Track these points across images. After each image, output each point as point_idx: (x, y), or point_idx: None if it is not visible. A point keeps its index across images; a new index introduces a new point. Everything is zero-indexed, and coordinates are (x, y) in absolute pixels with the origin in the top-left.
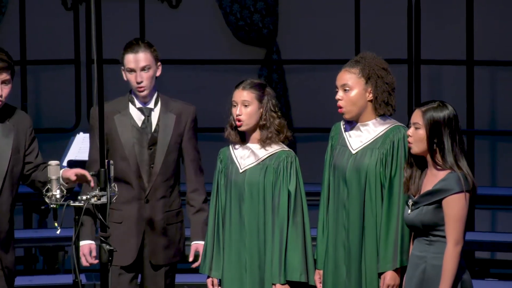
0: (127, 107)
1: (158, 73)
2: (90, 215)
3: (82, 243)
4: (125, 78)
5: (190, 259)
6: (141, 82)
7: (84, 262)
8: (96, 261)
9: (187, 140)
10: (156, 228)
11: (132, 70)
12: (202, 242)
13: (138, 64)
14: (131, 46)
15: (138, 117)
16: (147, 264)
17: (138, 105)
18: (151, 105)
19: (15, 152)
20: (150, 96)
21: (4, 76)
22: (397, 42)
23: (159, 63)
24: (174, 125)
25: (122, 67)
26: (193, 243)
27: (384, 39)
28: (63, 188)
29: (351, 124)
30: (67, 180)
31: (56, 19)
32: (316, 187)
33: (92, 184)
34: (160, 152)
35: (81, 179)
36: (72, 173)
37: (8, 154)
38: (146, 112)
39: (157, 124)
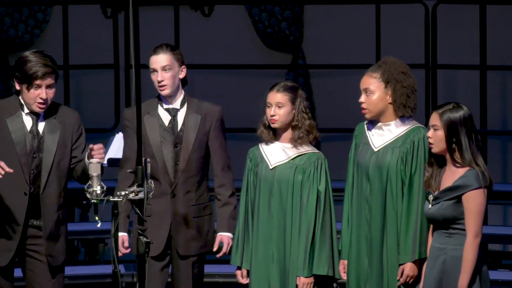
0: (156, 108)
1: (181, 75)
2: (123, 208)
3: None
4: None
5: (214, 249)
6: (162, 81)
7: None
8: (128, 251)
9: (213, 139)
10: (182, 221)
11: (154, 70)
12: (227, 234)
13: (159, 64)
14: (154, 49)
15: (165, 117)
16: (175, 254)
17: (166, 106)
18: (177, 106)
19: (61, 147)
20: (176, 97)
21: (49, 81)
22: (415, 48)
23: (183, 66)
24: (199, 125)
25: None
26: (218, 234)
27: (403, 45)
28: (103, 185)
29: (374, 124)
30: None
31: (97, 27)
32: (339, 184)
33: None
34: (185, 150)
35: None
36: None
37: (54, 148)
38: (173, 113)
39: (183, 124)
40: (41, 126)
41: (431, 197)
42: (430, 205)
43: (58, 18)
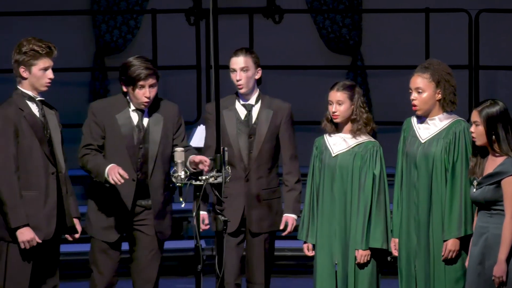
0: (234, 104)
1: (257, 76)
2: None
3: None
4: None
5: (281, 227)
6: (240, 80)
7: None
8: (208, 227)
9: (283, 132)
10: (255, 203)
11: (234, 70)
12: (292, 215)
13: (238, 65)
14: (235, 52)
15: (241, 112)
16: (248, 232)
17: (242, 102)
18: (252, 102)
19: (164, 138)
20: (251, 94)
21: (151, 81)
22: (459, 51)
23: (259, 68)
24: (271, 119)
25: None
26: (284, 215)
27: (449, 48)
28: (186, 170)
29: (420, 118)
30: (193, 164)
31: (181, 33)
32: (391, 170)
33: (206, 168)
34: (258, 141)
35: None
36: (197, 159)
37: (158, 140)
38: (248, 108)
39: (257, 118)
40: (145, 120)
41: (475, 182)
42: (474, 189)
43: (148, 25)
